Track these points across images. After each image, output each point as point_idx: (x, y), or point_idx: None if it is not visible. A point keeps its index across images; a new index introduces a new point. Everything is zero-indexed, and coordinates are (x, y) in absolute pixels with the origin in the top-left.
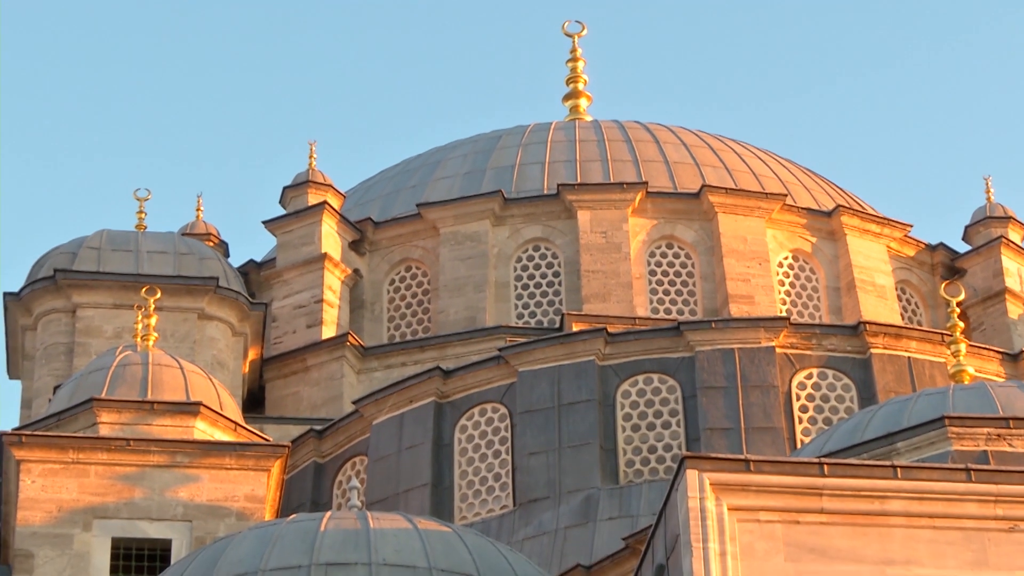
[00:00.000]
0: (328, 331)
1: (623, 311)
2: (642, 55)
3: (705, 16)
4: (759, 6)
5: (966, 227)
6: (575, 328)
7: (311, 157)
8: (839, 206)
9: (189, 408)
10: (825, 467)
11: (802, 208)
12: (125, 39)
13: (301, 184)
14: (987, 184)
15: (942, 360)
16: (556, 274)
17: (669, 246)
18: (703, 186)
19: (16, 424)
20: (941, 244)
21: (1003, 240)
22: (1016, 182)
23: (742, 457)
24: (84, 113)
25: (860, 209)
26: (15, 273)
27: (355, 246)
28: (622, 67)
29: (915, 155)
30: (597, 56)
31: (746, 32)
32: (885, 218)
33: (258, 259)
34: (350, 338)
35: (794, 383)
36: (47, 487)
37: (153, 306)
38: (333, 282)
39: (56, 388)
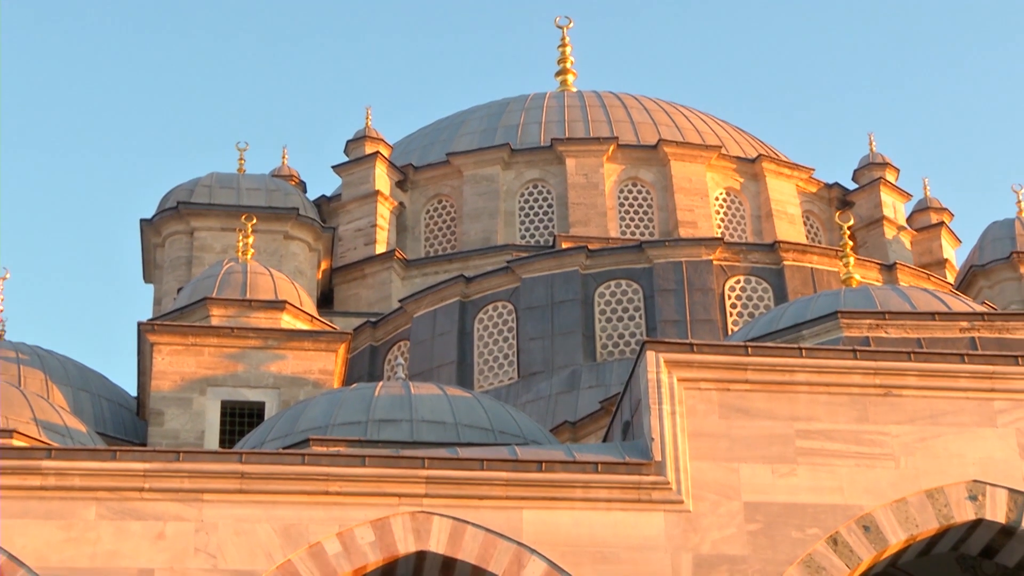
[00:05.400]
0: (380, 248)
1: (600, 233)
2: (614, 41)
3: (663, 11)
4: (701, 7)
5: (854, 170)
6: (564, 246)
7: (367, 118)
8: (760, 155)
9: (277, 305)
10: (749, 349)
11: (733, 156)
12: (235, 33)
13: (360, 139)
14: (870, 138)
15: (836, 270)
16: (550, 206)
17: (634, 185)
18: (659, 140)
19: (150, 316)
20: (836, 183)
21: (882, 180)
22: (892, 136)
23: (688, 341)
24: (200, 84)
25: (776, 157)
26: (148, 203)
27: (400, 185)
28: (599, 51)
29: (818, 116)
30: (581, 42)
31: (693, 23)
32: (794, 164)
33: (328, 194)
34: (396, 253)
35: (726, 287)
36: (173, 363)
37: (250, 229)
38: (384, 212)
39: (179, 290)
